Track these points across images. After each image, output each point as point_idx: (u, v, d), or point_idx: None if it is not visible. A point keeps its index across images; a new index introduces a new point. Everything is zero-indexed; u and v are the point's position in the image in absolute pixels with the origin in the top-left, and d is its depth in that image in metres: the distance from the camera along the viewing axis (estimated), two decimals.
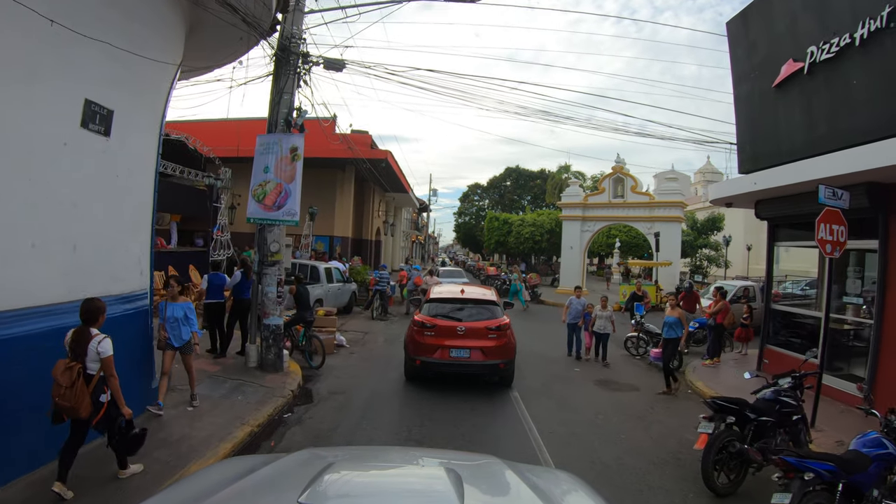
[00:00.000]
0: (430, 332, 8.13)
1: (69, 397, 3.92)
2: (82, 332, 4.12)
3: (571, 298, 11.21)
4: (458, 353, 7.97)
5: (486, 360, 7.96)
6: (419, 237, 57.79)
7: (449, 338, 8.05)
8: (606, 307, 10.66)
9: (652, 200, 23.30)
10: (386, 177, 23.78)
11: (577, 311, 10.95)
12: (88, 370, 4.08)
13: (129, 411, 4.30)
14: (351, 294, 16.26)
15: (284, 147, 8.39)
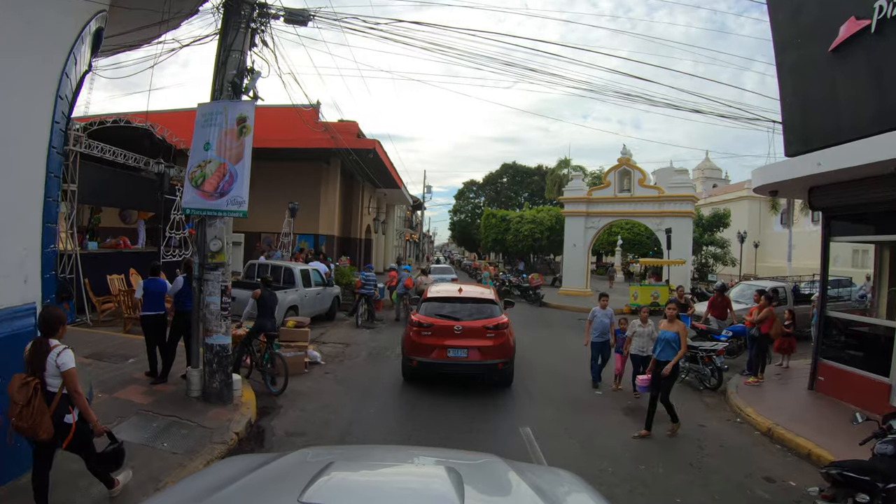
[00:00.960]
0: (426, 331, 7.95)
1: (26, 417, 3.60)
2: (40, 344, 3.77)
3: (595, 310, 8.77)
4: (455, 352, 7.80)
5: (485, 360, 7.79)
6: (413, 236, 56.00)
7: (446, 337, 7.88)
8: (647, 321, 7.96)
9: (661, 194, 21.63)
10: (375, 170, 21.98)
11: (604, 325, 8.61)
12: (49, 387, 3.73)
13: (102, 428, 4.02)
14: (333, 299, 14.49)
15: (230, 117, 6.63)
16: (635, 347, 7.90)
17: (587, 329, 8.70)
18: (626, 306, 18.60)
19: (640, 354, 7.81)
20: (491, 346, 7.89)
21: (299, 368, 8.81)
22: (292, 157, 21.84)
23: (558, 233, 32.09)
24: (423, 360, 7.90)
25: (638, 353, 7.84)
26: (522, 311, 18.45)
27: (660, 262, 19.60)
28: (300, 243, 22.48)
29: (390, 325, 14.26)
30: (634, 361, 7.95)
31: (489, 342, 7.89)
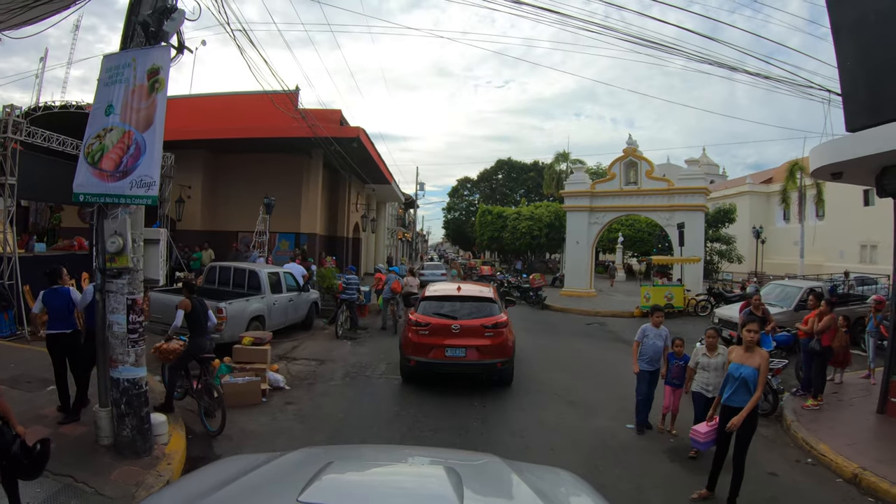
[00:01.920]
0: (424, 330, 7.84)
1: None
2: None
3: (645, 328, 6.60)
4: (453, 352, 7.67)
5: (483, 360, 7.65)
6: (406, 235, 54.27)
7: (444, 337, 7.76)
8: (716, 349, 5.76)
9: (671, 187, 20.03)
10: (361, 163, 20.24)
11: (657, 350, 6.48)
12: None
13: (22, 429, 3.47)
14: (311, 306, 12.77)
15: (140, 70, 4.89)
16: (699, 384, 5.75)
17: (635, 353, 6.54)
18: (636, 308, 16.99)
19: (704, 394, 5.66)
20: (489, 345, 7.70)
21: (254, 398, 7.11)
22: (270, 149, 20.10)
23: (558, 230, 30.49)
24: (420, 360, 7.78)
25: (702, 392, 5.70)
26: (523, 313, 16.79)
27: (674, 259, 18.03)
28: (280, 243, 20.75)
29: (375, 335, 12.56)
30: (697, 402, 5.78)
31: (487, 341, 7.71)
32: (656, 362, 6.50)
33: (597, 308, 17.97)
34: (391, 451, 3.18)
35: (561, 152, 36.33)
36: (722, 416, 4.71)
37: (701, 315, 17.24)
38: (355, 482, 2.04)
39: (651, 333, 6.53)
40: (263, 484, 1.88)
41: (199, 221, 20.74)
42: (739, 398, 4.56)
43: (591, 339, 12.80)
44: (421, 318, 8.02)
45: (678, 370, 6.31)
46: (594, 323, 15.37)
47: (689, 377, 6.00)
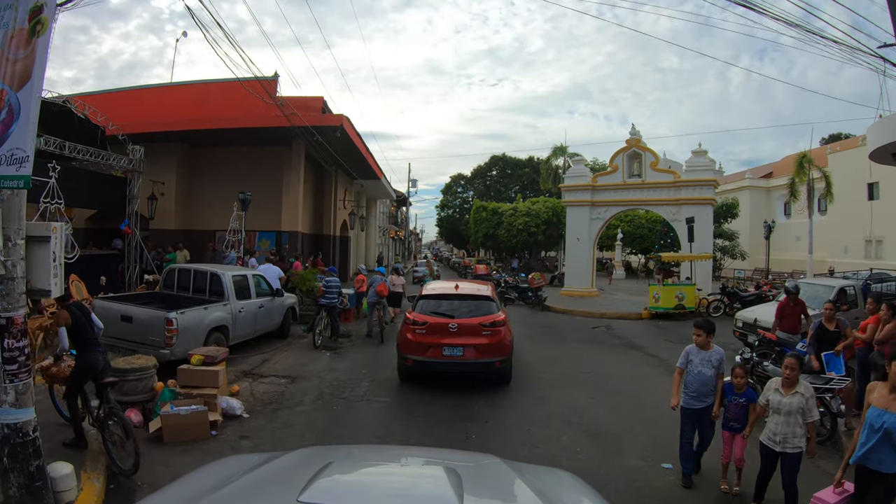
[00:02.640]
0: (421, 329, 7.78)
1: None
2: None
3: (689, 350, 5.02)
4: (451, 351, 7.60)
5: (481, 359, 7.57)
6: (399, 233, 52.92)
7: (441, 336, 7.69)
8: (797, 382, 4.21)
9: (677, 179, 18.78)
10: (347, 155, 18.86)
11: (706, 381, 4.81)
12: None
13: None
14: (286, 312, 11.41)
15: (21, 10, 3.59)
16: (768, 434, 4.22)
17: (676, 384, 5.02)
18: (645, 310, 15.74)
19: (771, 446, 4.17)
20: (487, 343, 7.60)
21: (200, 432, 5.76)
22: (249, 142, 18.72)
23: (555, 226, 29.23)
24: (418, 359, 7.71)
25: (770, 444, 4.18)
26: (523, 316, 15.51)
27: (685, 256, 16.79)
28: (260, 242, 19.37)
29: (359, 344, 11.22)
30: (765, 456, 4.27)
31: (485, 340, 7.61)
32: (706, 397, 4.80)
33: (601, 309, 16.70)
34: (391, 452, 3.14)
35: (558, 146, 35.01)
36: (860, 481, 3.39)
37: (714, 316, 16.01)
38: (355, 482, 2.04)
39: (697, 358, 4.88)
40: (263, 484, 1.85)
41: (174, 220, 19.35)
42: (887, 458, 3.23)
43: (600, 346, 11.51)
44: (418, 317, 7.91)
45: (738, 410, 4.69)
46: (600, 326, 14.09)
47: (754, 420, 4.52)
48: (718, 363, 4.84)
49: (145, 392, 6.60)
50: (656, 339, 12.34)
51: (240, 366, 9.00)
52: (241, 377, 8.44)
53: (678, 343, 11.88)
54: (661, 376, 8.71)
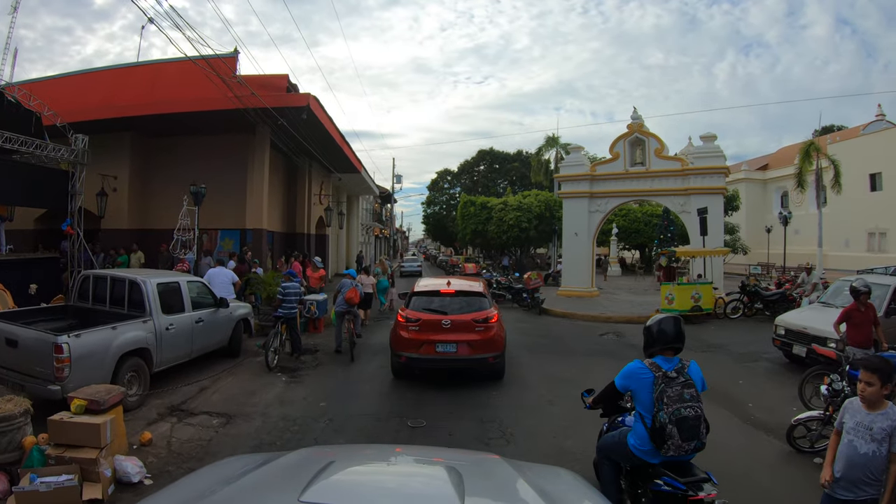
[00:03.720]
0: (414, 326, 7.70)
1: None
2: None
3: (849, 405, 3.11)
4: (444, 347, 7.55)
5: (475, 355, 7.55)
6: (384, 231, 50.88)
7: (434, 332, 7.61)
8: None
9: (685, 167, 17.07)
10: (319, 142, 16.84)
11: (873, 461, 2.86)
12: None
13: None
14: (237, 325, 9.44)
15: None
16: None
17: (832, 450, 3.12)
18: (656, 312, 13.93)
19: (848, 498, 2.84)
20: (481, 339, 7.62)
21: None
22: (208, 130, 16.64)
23: (549, 221, 27.44)
24: (411, 356, 7.65)
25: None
26: (518, 320, 13.69)
27: (701, 251, 15.04)
28: (223, 241, 17.31)
29: (325, 364, 9.27)
30: None
31: (479, 336, 7.63)
32: (868, 486, 2.88)
33: (606, 312, 14.89)
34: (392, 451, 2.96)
35: (550, 135, 33.18)
36: None
37: (731, 318, 14.30)
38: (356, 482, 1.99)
39: (852, 420, 3.01)
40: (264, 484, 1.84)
41: (128, 218, 17.23)
42: None
43: (616, 360, 9.65)
44: (411, 314, 7.86)
45: None
46: (609, 333, 12.28)
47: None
48: (888, 434, 2.85)
49: (11, 450, 4.68)
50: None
51: (168, 398, 7.07)
52: (165, 415, 6.53)
53: (704, 354, 10.13)
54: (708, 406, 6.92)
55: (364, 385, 8.04)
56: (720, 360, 9.65)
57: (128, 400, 6.50)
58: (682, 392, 3.07)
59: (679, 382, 3.09)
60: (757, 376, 8.67)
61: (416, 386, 7.87)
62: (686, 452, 3.03)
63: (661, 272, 27.04)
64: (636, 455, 3.21)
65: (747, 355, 10.02)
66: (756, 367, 9.22)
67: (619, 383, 3.35)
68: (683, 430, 2.96)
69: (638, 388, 3.20)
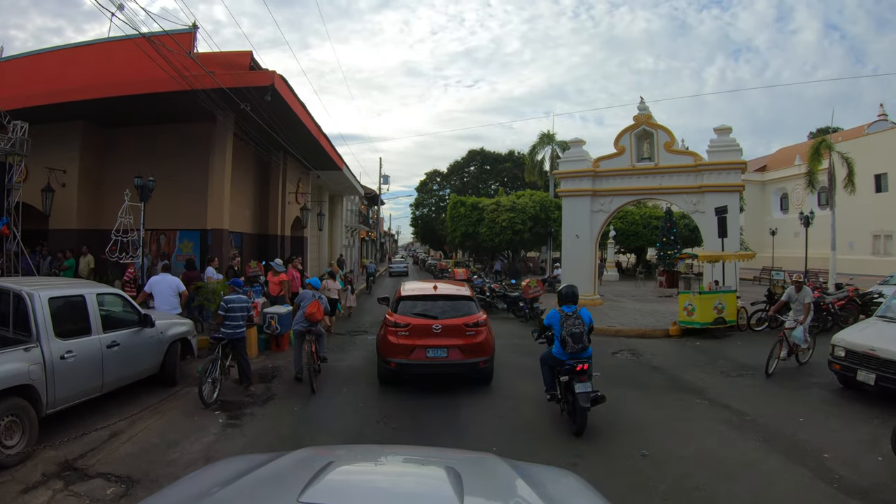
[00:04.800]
0: (404, 331, 7.57)
1: None
2: None
3: None
4: (435, 352, 7.47)
5: (466, 360, 7.51)
6: (370, 234, 48.95)
7: (424, 337, 7.53)
8: None
9: (698, 162, 15.44)
10: (290, 132, 14.99)
11: None
12: None
13: None
14: (171, 347, 7.58)
15: None
16: None
17: None
18: (674, 325, 12.26)
19: None
20: (471, 344, 7.58)
21: None
22: (166, 117, 14.73)
23: (543, 223, 25.75)
24: (401, 362, 7.45)
25: None
26: (515, 336, 12.00)
27: (725, 255, 13.35)
28: (181, 244, 15.39)
29: (281, 395, 7.43)
30: None
31: (469, 340, 7.58)
32: None
33: (614, 324, 13.16)
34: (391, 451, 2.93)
35: (545, 132, 31.44)
36: None
37: (756, 330, 12.64)
38: (356, 482, 2.00)
39: None
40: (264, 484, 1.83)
41: (77, 218, 15.27)
42: None
43: (640, 389, 7.92)
44: (400, 319, 7.71)
45: None
46: (623, 351, 10.55)
47: None
48: None
49: None
50: (709, 373, 8.83)
51: (66, 449, 5.30)
52: (52, 477, 4.81)
53: (740, 378, 8.45)
54: (777, 460, 5.22)
55: (326, 427, 6.25)
56: (766, 388, 7.93)
57: (5, 455, 4.79)
58: (573, 322, 6.00)
59: (573, 318, 6.03)
60: (816, 410, 6.96)
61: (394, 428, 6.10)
62: (578, 351, 5.97)
63: (664, 277, 25.56)
64: (556, 356, 6.16)
65: (793, 380, 8.31)
66: (810, 397, 7.51)
67: (546, 322, 6.40)
68: (574, 339, 5.94)
69: (554, 323, 6.16)
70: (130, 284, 11.41)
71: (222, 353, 7.14)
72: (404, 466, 2.36)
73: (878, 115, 38.84)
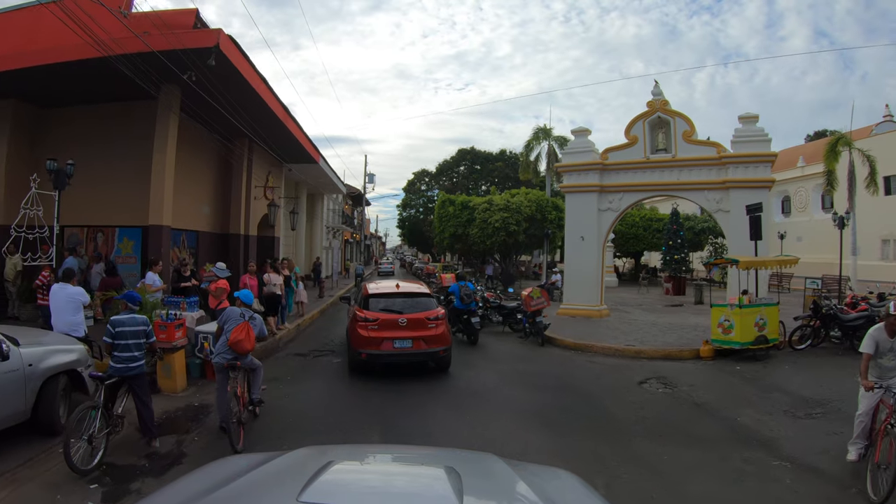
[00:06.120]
0: (374, 325, 8.21)
1: None
2: None
3: None
4: (401, 343, 8.16)
5: (428, 349, 8.26)
6: (355, 235, 46.67)
7: (392, 330, 8.20)
8: None
9: (723, 154, 13.49)
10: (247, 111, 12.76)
11: None
12: None
13: None
14: (46, 384, 5.37)
15: None
16: None
17: None
18: (705, 344, 10.20)
19: None
20: (433, 335, 8.30)
21: None
22: (106, 94, 12.46)
23: (539, 224, 23.72)
24: (371, 353, 8.08)
25: None
26: (515, 357, 9.90)
27: (768, 261, 11.34)
28: (120, 243, 13.10)
29: (195, 456, 5.20)
30: None
31: (431, 332, 8.30)
32: None
33: (631, 342, 11.10)
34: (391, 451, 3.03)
35: (541, 127, 29.40)
36: None
37: (797, 349, 10.69)
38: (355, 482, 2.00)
39: None
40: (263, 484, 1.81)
41: (5, 212, 12.97)
42: None
43: (688, 441, 5.79)
44: (370, 314, 8.32)
45: None
46: (650, 379, 8.47)
47: None
48: None
49: None
50: (771, 414, 6.78)
51: None
52: None
53: (812, 421, 6.43)
54: None
55: None
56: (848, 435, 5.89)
57: None
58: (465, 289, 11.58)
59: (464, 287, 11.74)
60: None
61: None
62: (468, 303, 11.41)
63: (670, 284, 23.65)
64: (458, 308, 11.45)
65: None
66: None
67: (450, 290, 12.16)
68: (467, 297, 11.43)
69: (455, 290, 11.70)
70: (43, 291, 9.21)
71: (106, 398, 4.96)
72: (404, 466, 2.34)
73: (883, 115, 37.50)
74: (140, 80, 10.09)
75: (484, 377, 8.52)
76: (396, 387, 7.86)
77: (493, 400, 7.27)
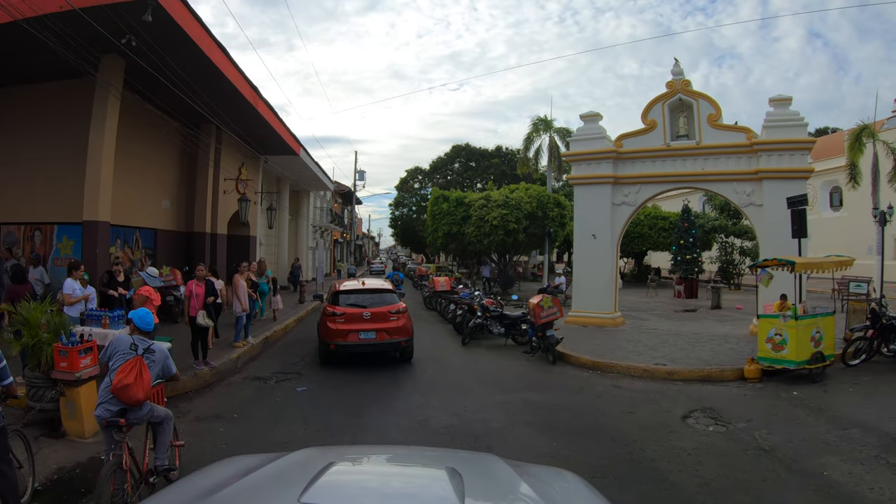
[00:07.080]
0: (340, 318, 8.91)
1: None
2: None
3: None
4: (366, 335, 8.82)
5: (391, 339, 8.96)
6: (345, 235, 44.81)
7: (357, 323, 8.88)
8: None
9: (754, 140, 11.83)
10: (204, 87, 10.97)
11: None
12: None
13: None
14: None
15: None
16: None
17: None
18: (750, 362, 8.47)
19: None
20: (395, 327, 9.00)
21: None
22: (46, 72, 10.63)
23: (540, 222, 22.02)
24: (339, 343, 8.79)
25: None
26: (523, 383, 8.17)
27: (825, 262, 9.65)
28: (59, 242, 11.26)
29: None
30: None
31: (393, 324, 9.00)
32: None
33: (659, 359, 9.36)
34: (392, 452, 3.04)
35: (540, 117, 27.63)
36: None
37: (851, 364, 9.02)
38: (357, 483, 1.98)
39: None
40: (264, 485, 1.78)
41: None
42: None
43: None
44: (337, 309, 9.04)
45: None
46: (696, 413, 6.74)
47: None
48: None
49: None
50: (860, 462, 5.10)
51: None
52: None
53: None
54: None
55: None
56: None
57: None
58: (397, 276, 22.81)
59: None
60: None
61: None
62: None
63: (682, 286, 21.99)
64: None
65: None
66: None
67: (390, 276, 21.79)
68: None
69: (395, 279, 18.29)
70: None
71: None
72: (405, 467, 2.32)
73: (892, 111, 36.15)
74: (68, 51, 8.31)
75: (486, 412, 6.74)
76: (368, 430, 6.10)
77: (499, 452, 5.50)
